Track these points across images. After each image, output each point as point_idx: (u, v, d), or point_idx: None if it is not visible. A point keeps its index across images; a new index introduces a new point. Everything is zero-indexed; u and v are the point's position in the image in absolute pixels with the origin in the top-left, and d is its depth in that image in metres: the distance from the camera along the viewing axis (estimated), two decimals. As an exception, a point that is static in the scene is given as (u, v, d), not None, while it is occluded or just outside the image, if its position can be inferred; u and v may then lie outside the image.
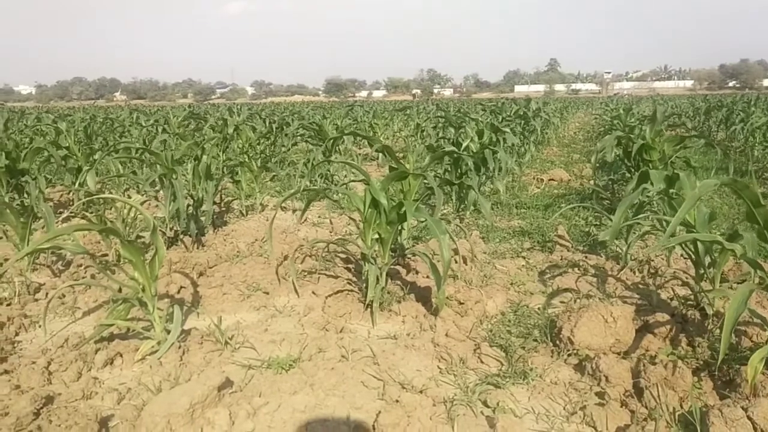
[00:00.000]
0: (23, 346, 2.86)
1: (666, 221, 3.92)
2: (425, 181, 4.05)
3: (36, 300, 3.46)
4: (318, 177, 7.66)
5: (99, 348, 2.66)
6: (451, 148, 5.46)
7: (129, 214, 4.53)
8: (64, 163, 5.97)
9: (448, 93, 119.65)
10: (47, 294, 3.54)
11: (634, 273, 3.88)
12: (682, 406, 2.21)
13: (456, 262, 3.70)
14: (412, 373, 2.50)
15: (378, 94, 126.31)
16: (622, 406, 2.22)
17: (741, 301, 1.98)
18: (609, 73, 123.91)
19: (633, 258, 4.04)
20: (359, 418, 2.13)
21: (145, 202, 5.37)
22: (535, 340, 2.82)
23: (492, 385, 2.39)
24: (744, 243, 2.48)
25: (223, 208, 6.05)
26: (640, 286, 3.63)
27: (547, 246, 4.53)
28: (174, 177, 4.40)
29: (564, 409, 2.24)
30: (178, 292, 3.48)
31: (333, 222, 5.43)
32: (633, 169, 6.28)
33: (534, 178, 7.98)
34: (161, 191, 4.73)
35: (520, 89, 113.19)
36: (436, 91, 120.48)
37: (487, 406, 2.24)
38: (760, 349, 2.07)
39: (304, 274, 3.81)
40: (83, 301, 3.42)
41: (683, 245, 3.16)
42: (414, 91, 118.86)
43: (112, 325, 2.74)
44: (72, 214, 4.34)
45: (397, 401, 2.16)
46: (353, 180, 6.28)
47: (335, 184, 7.26)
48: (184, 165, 5.10)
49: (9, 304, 3.33)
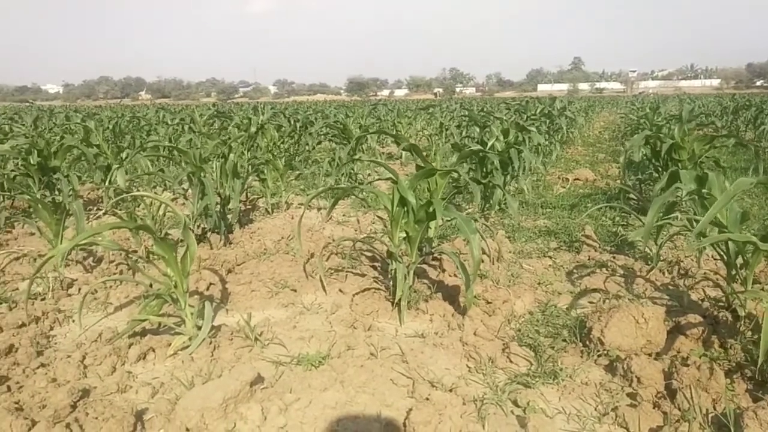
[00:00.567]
0: (58, 340, 2.92)
1: (697, 221, 3.88)
2: (452, 179, 4.05)
3: (69, 295, 3.52)
4: (342, 176, 7.69)
5: (132, 343, 2.71)
6: (478, 146, 5.44)
7: (158, 212, 4.59)
8: (94, 161, 6.07)
9: (470, 92, 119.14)
10: (80, 289, 3.60)
11: (664, 274, 3.83)
12: (715, 408, 2.19)
13: (483, 262, 3.69)
14: (441, 372, 2.50)
15: (400, 93, 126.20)
16: (654, 408, 2.20)
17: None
18: (634, 71, 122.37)
19: (662, 259, 3.99)
20: (390, 415, 2.14)
21: (174, 200, 5.44)
22: (564, 341, 2.80)
23: (522, 384, 2.39)
24: (779, 244, 2.44)
25: (249, 206, 6.10)
26: (670, 287, 3.59)
27: (574, 246, 4.49)
28: (203, 175, 4.45)
29: (595, 409, 2.22)
30: (207, 289, 3.52)
31: (359, 220, 5.45)
32: (661, 169, 6.21)
33: (559, 178, 7.92)
34: (189, 189, 4.79)
35: (543, 88, 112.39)
36: (458, 89, 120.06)
37: (518, 406, 2.24)
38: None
39: (330, 272, 3.83)
40: (115, 296, 3.48)
41: (714, 245, 3.12)
42: (436, 90, 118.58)
43: (144, 320, 2.78)
44: (105, 212, 4.41)
45: (427, 399, 2.17)
46: (378, 179, 6.30)
47: (359, 183, 7.28)
48: (210, 163, 5.16)
49: (43, 299, 3.41)
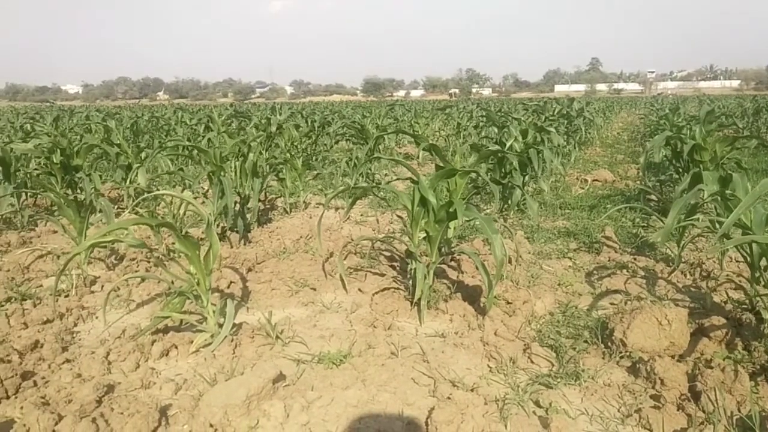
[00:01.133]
0: (82, 336, 2.96)
1: (720, 223, 3.84)
2: (470, 180, 4.04)
3: (92, 292, 3.57)
4: (359, 176, 7.70)
5: (155, 339, 2.73)
6: (496, 147, 5.43)
7: (179, 210, 4.63)
8: (115, 160, 6.14)
9: (486, 92, 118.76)
10: (102, 287, 3.65)
11: (685, 275, 3.80)
12: (740, 410, 2.16)
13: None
14: (462, 372, 2.50)
15: (416, 93, 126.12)
16: (678, 410, 2.18)
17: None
18: (653, 72, 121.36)
19: (684, 260, 3.96)
20: (412, 414, 2.14)
21: (194, 199, 5.48)
22: (585, 342, 2.79)
23: (543, 385, 2.38)
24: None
25: (268, 206, 6.14)
26: (692, 289, 3.56)
27: (594, 247, 4.47)
28: (222, 174, 4.48)
29: (618, 411, 2.21)
30: (228, 287, 3.55)
31: (378, 220, 5.46)
32: (682, 170, 6.16)
33: (577, 179, 7.87)
34: (209, 188, 4.82)
35: (560, 89, 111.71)
36: (474, 90, 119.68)
37: (539, 406, 2.23)
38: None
39: (350, 271, 3.84)
40: (137, 294, 3.51)
41: (738, 247, 3.09)
42: (451, 90, 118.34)
43: (167, 317, 2.81)
44: (129, 210, 4.46)
45: (449, 398, 2.16)
46: (395, 179, 6.30)
47: (377, 183, 7.29)
48: (229, 163, 5.19)
49: (67, 296, 3.45)
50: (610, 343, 2.69)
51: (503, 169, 5.73)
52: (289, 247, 4.44)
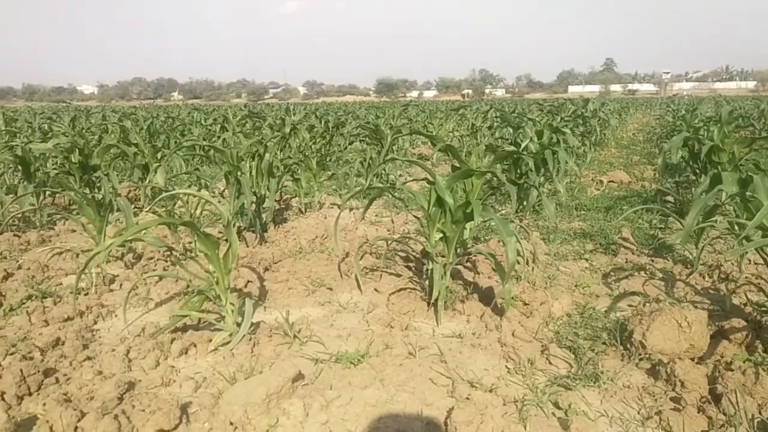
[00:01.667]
0: (101, 334, 2.99)
1: (739, 224, 3.81)
2: (485, 180, 4.03)
3: (111, 290, 3.60)
4: (374, 176, 7.71)
5: (174, 338, 2.75)
6: (512, 148, 5.42)
7: (196, 210, 4.67)
8: (132, 159, 6.19)
9: (499, 93, 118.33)
10: (121, 285, 3.68)
11: (704, 278, 3.77)
12: (761, 413, 2.14)
13: (519, 263, 3.67)
14: (481, 372, 2.50)
15: (429, 94, 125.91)
16: (699, 412, 2.17)
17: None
18: (668, 73, 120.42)
19: (702, 262, 3.93)
20: (431, 414, 2.14)
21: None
22: (603, 343, 2.77)
23: (562, 386, 2.37)
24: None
25: (283, 206, 6.16)
26: (711, 291, 3.53)
27: (611, 248, 4.44)
28: (239, 174, 4.51)
29: (638, 413, 2.20)
30: (245, 286, 3.57)
31: (393, 220, 5.46)
32: (699, 172, 6.11)
33: (593, 180, 7.83)
34: (225, 188, 4.85)
35: (574, 89, 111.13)
36: (487, 91, 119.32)
37: (559, 408, 2.22)
38: None
39: (365, 272, 3.85)
40: (155, 292, 3.54)
41: (758, 249, 3.05)
42: (464, 91, 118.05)
43: (186, 315, 2.83)
44: (147, 210, 4.50)
45: (467, 399, 2.16)
46: (410, 180, 6.30)
47: (391, 184, 7.29)
48: (244, 163, 5.22)
49: (86, 294, 3.48)
50: (629, 345, 2.68)
51: (518, 170, 5.72)
52: (305, 246, 4.45)
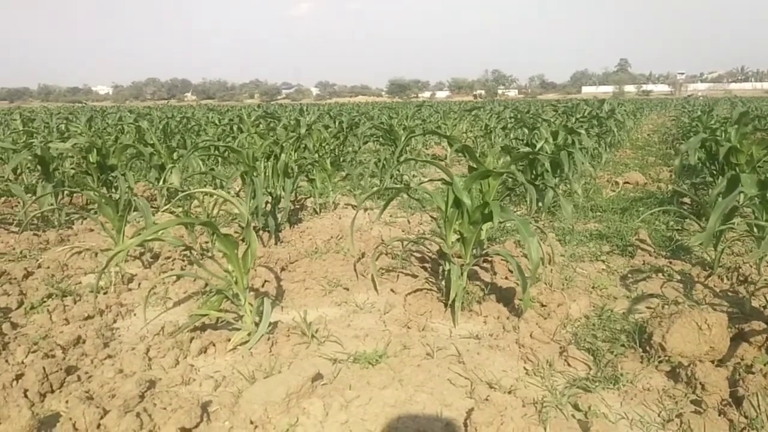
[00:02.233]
0: (121, 333, 3.01)
1: (758, 226, 3.78)
2: (502, 180, 4.02)
3: (130, 290, 3.63)
4: (388, 177, 7.71)
5: (193, 337, 2.77)
6: (527, 149, 5.40)
7: (212, 210, 4.69)
8: (149, 159, 6.24)
9: (512, 94, 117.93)
10: (140, 284, 3.71)
11: (722, 280, 3.74)
12: (783, 417, 2.13)
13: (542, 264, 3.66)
14: (499, 373, 2.49)
15: (441, 94, 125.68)
16: (720, 415, 2.15)
17: None
18: (682, 74, 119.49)
19: (720, 264, 3.89)
20: (450, 415, 2.14)
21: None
22: (622, 345, 2.76)
23: (581, 388, 2.36)
24: None
25: (298, 206, 6.18)
26: (729, 294, 3.50)
27: (628, 250, 4.41)
28: (255, 174, 4.53)
29: (659, 416, 2.19)
30: (263, 286, 3.58)
31: (409, 221, 5.46)
32: (717, 173, 6.07)
33: (608, 181, 7.79)
34: (241, 188, 4.87)
35: (588, 90, 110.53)
36: (500, 91, 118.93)
37: (578, 410, 2.21)
38: None
39: (382, 272, 3.85)
40: (173, 291, 3.57)
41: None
42: (476, 91, 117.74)
43: (205, 314, 2.85)
44: (165, 210, 4.54)
45: (486, 400, 2.16)
46: (425, 180, 6.30)
47: (406, 184, 7.29)
48: (259, 163, 5.24)
49: (105, 293, 3.51)
50: (648, 347, 2.66)
51: (534, 171, 5.70)
52: (321, 247, 4.46)
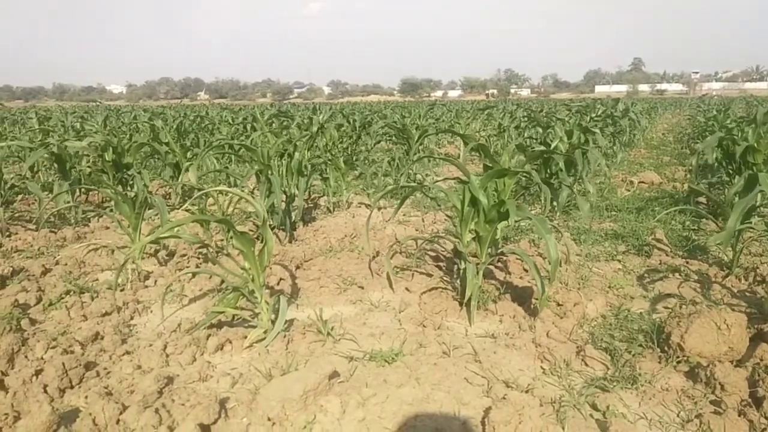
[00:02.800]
0: (138, 329, 3.04)
1: (777, 227, 3.73)
2: (518, 179, 4.01)
3: (146, 287, 3.65)
4: (401, 176, 7.71)
5: (210, 334, 2.79)
6: (542, 148, 5.38)
7: (227, 208, 4.71)
8: (164, 158, 6.28)
9: (525, 93, 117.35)
10: (156, 281, 3.73)
11: (740, 280, 3.70)
12: (805, 419, 2.10)
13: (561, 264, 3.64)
14: (516, 372, 2.49)
15: (453, 94, 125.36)
16: (740, 416, 2.13)
17: None
18: (697, 73, 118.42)
19: (738, 264, 3.86)
20: (468, 414, 2.14)
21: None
22: (640, 345, 2.74)
23: (599, 388, 2.35)
24: None
25: (311, 205, 6.19)
26: (747, 294, 3.47)
27: (644, 250, 4.38)
28: (270, 173, 4.55)
29: (678, 416, 2.17)
30: (278, 284, 3.59)
31: (423, 220, 5.46)
32: (733, 172, 6.01)
33: (623, 181, 7.74)
34: (255, 187, 4.89)
35: (601, 89, 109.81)
36: (512, 91, 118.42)
37: (596, 410, 2.20)
38: None
39: (396, 271, 3.85)
40: (189, 289, 3.58)
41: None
42: (488, 91, 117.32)
43: (222, 312, 2.86)
44: (181, 208, 4.56)
45: (504, 399, 2.16)
46: (438, 179, 6.27)
47: (419, 183, 7.28)
48: (273, 162, 5.25)
49: (122, 290, 3.54)
50: (666, 347, 2.64)
51: (548, 170, 5.67)
52: (335, 245, 4.47)
